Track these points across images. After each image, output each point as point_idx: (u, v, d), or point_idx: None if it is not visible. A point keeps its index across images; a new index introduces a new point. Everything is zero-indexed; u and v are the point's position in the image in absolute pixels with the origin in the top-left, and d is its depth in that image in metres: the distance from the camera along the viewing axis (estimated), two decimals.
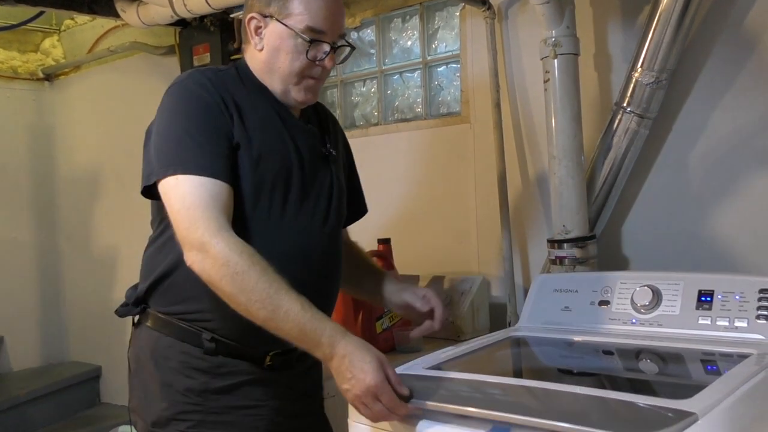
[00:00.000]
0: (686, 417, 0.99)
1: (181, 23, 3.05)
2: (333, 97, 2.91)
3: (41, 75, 4.13)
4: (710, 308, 1.46)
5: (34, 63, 4.15)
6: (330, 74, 1.48)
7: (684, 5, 1.81)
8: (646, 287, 1.55)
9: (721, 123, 1.93)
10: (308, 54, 1.35)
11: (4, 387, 3.78)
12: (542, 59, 1.94)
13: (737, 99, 1.90)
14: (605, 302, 1.60)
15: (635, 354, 1.49)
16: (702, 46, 1.94)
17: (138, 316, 1.44)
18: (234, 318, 1.22)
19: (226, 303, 1.22)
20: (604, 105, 2.08)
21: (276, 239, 1.33)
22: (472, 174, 2.44)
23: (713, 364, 1.38)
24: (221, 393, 1.35)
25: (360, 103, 2.87)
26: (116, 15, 3.00)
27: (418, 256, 2.42)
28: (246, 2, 1.41)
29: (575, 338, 1.58)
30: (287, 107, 1.42)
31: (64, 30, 4.12)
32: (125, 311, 1.44)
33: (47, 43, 4.16)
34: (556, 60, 1.90)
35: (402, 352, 2.00)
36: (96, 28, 3.85)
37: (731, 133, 1.92)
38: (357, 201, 1.62)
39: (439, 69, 2.61)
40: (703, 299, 1.48)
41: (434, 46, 2.62)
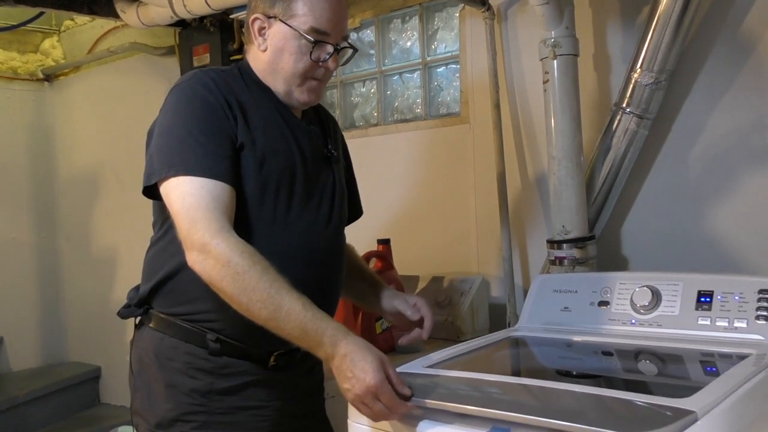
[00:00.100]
0: (686, 416, 0.99)
1: (181, 24, 3.05)
2: (333, 98, 2.91)
3: (41, 75, 4.13)
4: (710, 309, 1.46)
5: (34, 63, 4.15)
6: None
7: (683, 6, 1.81)
8: (646, 288, 1.55)
9: (721, 123, 1.93)
10: (312, 55, 1.36)
11: (4, 387, 3.78)
12: (542, 60, 1.94)
13: (736, 99, 1.90)
14: (605, 303, 1.61)
15: (635, 354, 1.49)
16: (701, 47, 1.94)
17: (141, 318, 1.44)
18: (238, 318, 1.23)
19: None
20: (604, 105, 2.08)
21: (281, 239, 1.33)
22: (472, 174, 2.44)
23: (712, 365, 1.39)
24: (226, 394, 1.35)
25: (359, 104, 2.87)
26: (116, 16, 2.99)
27: (418, 257, 2.43)
28: (249, 3, 1.42)
29: (575, 338, 1.58)
30: (289, 108, 1.42)
31: (64, 30, 4.12)
32: (128, 312, 1.44)
33: (47, 44, 4.16)
34: (556, 61, 1.91)
35: (402, 353, 2.00)
36: (96, 29, 3.85)
37: (730, 134, 1.92)
38: (353, 204, 1.63)
39: (439, 70, 2.61)
40: (703, 300, 1.48)
41: (434, 47, 2.62)
